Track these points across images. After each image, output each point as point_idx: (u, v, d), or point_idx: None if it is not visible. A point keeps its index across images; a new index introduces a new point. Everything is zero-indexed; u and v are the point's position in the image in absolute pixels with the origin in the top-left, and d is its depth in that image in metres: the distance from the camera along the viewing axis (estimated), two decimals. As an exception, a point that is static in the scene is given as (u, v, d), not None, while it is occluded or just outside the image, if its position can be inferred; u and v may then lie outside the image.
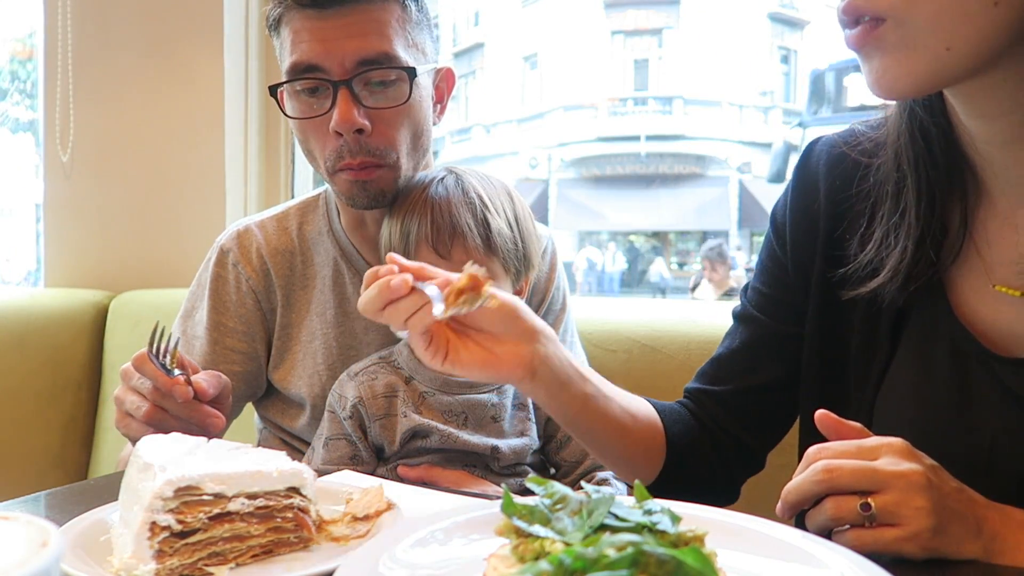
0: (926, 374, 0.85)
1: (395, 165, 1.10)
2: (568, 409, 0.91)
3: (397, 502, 0.77)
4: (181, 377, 0.95)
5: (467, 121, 18.97)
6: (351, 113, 1.04)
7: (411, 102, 1.09)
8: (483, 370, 0.86)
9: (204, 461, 0.69)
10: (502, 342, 0.85)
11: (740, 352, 1.01)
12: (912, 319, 0.86)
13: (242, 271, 1.22)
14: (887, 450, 0.70)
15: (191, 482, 0.65)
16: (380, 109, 1.07)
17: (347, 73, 1.05)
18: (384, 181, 1.11)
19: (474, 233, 1.05)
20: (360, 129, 1.06)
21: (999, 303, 0.81)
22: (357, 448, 1.10)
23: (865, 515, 0.68)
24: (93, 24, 2.19)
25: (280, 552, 0.70)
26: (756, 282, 1.02)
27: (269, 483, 0.70)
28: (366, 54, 1.05)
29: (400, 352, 1.15)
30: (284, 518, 0.70)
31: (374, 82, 1.07)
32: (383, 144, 1.08)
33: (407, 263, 0.81)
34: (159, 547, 0.64)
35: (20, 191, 3.02)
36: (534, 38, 18.14)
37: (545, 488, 0.62)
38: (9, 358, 1.92)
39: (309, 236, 1.26)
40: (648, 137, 17.46)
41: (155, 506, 0.64)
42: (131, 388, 0.98)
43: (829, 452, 0.71)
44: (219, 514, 0.67)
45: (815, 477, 0.70)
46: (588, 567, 0.48)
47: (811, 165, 0.96)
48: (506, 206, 1.11)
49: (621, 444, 0.96)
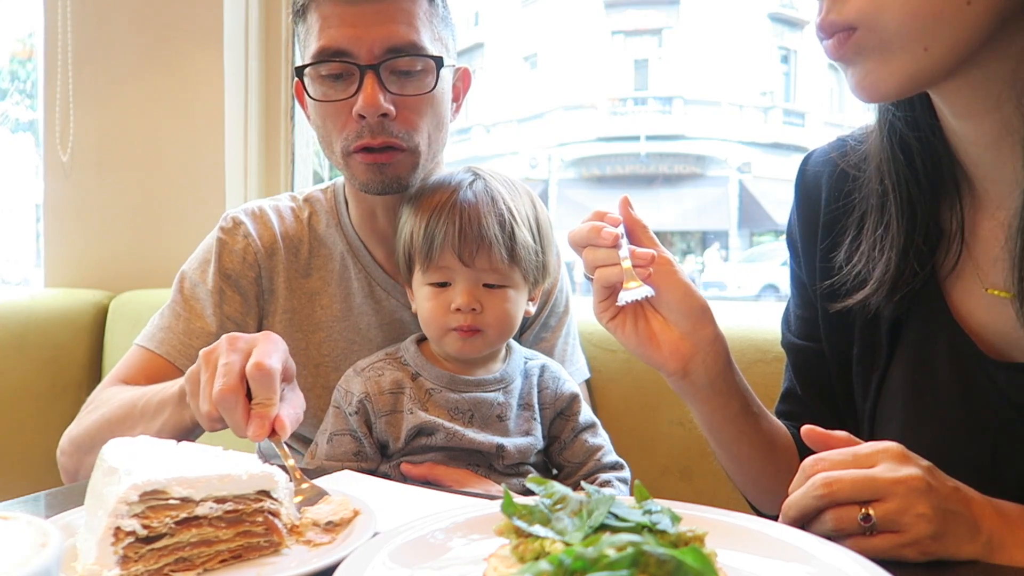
0: (927, 378, 0.85)
1: (415, 151, 1.11)
2: (713, 418, 0.92)
3: (364, 510, 0.76)
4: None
5: (467, 121, 18.95)
6: (376, 97, 1.05)
7: (435, 93, 1.10)
8: (640, 348, 0.89)
9: (171, 464, 0.68)
10: (670, 330, 0.87)
11: (800, 384, 1.01)
12: (910, 325, 0.87)
13: (252, 243, 1.21)
14: (883, 456, 0.70)
15: (157, 486, 0.64)
16: (405, 96, 1.08)
17: (375, 59, 1.06)
18: (401, 167, 1.11)
19: (500, 244, 1.06)
20: (384, 114, 1.06)
21: (992, 306, 0.81)
22: (361, 444, 1.10)
23: (866, 526, 0.67)
24: (93, 24, 2.19)
25: (250, 557, 0.69)
26: (793, 305, 1.03)
27: (238, 486, 0.68)
28: (394, 42, 1.06)
29: (407, 349, 1.16)
30: (254, 522, 0.69)
31: (400, 70, 1.08)
32: (406, 128, 1.09)
33: (636, 216, 0.86)
34: (124, 552, 0.63)
35: (20, 191, 3.02)
36: (534, 38, 18.12)
37: (545, 488, 0.62)
38: (9, 358, 1.92)
39: (318, 227, 1.26)
40: (648, 137, 17.44)
41: (120, 511, 0.62)
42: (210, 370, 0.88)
43: (826, 463, 0.71)
44: (186, 518, 0.65)
45: (815, 492, 0.69)
46: (588, 567, 0.48)
47: (809, 179, 0.97)
48: (530, 215, 1.12)
49: (760, 467, 0.95)
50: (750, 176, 17.35)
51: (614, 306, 0.87)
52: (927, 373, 0.85)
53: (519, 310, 1.12)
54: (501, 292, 1.09)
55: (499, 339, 1.12)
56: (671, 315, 0.87)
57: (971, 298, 0.83)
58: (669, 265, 0.86)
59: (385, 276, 1.25)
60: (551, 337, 1.31)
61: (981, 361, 0.81)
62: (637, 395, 1.43)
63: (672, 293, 0.86)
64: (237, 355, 0.86)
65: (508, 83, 18.42)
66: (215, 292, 1.20)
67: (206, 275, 1.21)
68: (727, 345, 0.90)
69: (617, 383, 1.45)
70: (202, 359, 0.90)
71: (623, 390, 1.44)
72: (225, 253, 1.21)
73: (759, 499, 1.01)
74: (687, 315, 0.87)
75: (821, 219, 0.94)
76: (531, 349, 1.24)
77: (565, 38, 17.67)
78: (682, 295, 0.86)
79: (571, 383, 1.20)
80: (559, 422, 1.17)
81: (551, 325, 1.31)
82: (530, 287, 1.13)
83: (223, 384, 0.84)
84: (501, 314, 1.09)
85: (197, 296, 1.21)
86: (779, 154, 16.59)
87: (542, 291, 1.20)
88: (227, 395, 0.84)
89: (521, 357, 1.18)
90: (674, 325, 0.87)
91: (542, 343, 1.30)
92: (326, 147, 1.16)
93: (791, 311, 1.03)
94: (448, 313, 1.08)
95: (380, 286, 1.25)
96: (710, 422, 0.93)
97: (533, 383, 1.17)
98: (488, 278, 1.08)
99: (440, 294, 1.09)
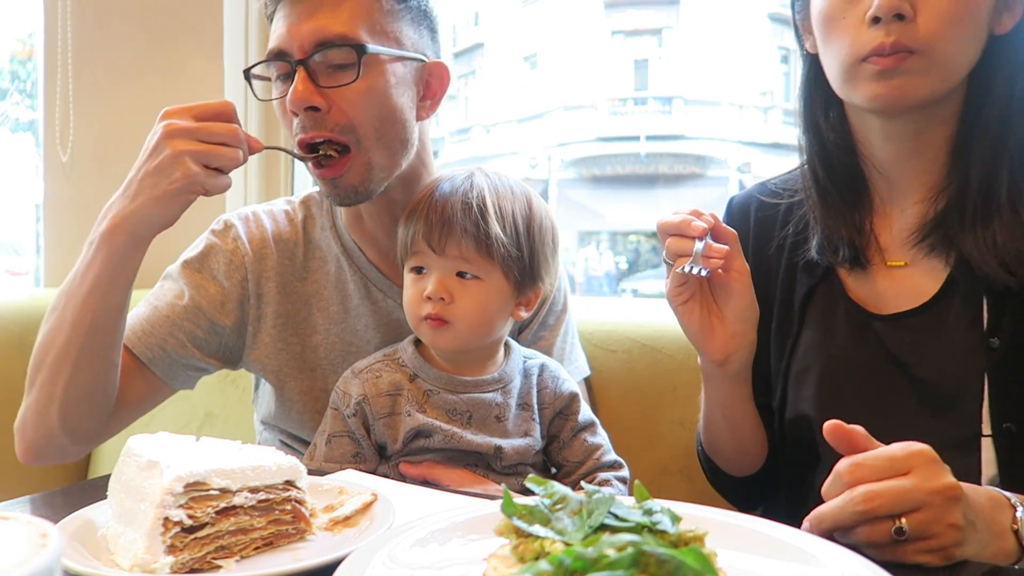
0: (830, 337, 1.06)
1: (358, 146, 1.09)
2: (731, 399, 1.07)
3: (381, 493, 0.79)
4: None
5: (467, 121, 18.94)
6: (300, 90, 1.06)
7: (373, 84, 1.08)
8: (696, 334, 1.02)
9: (206, 457, 0.71)
10: (725, 327, 1.01)
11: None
12: (815, 300, 1.08)
13: (241, 245, 1.21)
14: (917, 460, 0.70)
15: (199, 477, 0.67)
16: (335, 88, 1.07)
17: (304, 53, 1.07)
18: (352, 176, 1.10)
19: (468, 234, 1.06)
20: (316, 108, 1.06)
21: (880, 277, 1.04)
22: (360, 446, 1.10)
23: (899, 539, 0.68)
24: (93, 24, 2.19)
25: (280, 544, 0.72)
26: None
27: (269, 476, 0.72)
28: (323, 35, 1.06)
29: (404, 349, 1.15)
30: (283, 510, 0.73)
31: (334, 64, 1.07)
32: (341, 121, 1.08)
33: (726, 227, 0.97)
34: (171, 542, 0.66)
35: (20, 191, 3.02)
36: (534, 38, 18.10)
37: (545, 488, 0.62)
38: (9, 358, 1.91)
39: (313, 230, 1.26)
40: (648, 137, 17.42)
41: (167, 502, 0.65)
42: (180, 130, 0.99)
43: (865, 471, 0.70)
44: (225, 508, 0.69)
45: (855, 507, 0.69)
46: (588, 567, 0.48)
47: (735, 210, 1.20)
48: (517, 213, 1.10)
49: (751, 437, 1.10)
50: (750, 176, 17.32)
51: (687, 292, 1.00)
52: (828, 333, 1.06)
53: (496, 308, 1.10)
54: (476, 284, 1.08)
55: (471, 334, 1.09)
56: (731, 316, 1.00)
57: (872, 274, 1.05)
58: (746, 277, 1.00)
59: (380, 276, 1.25)
60: (550, 336, 1.31)
61: (866, 316, 1.03)
62: (637, 395, 1.43)
63: (740, 299, 1.00)
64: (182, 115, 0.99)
65: (508, 83, 18.41)
66: (192, 287, 1.19)
67: (188, 268, 1.21)
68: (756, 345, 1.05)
69: (617, 383, 1.45)
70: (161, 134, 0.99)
71: (623, 390, 1.44)
72: (212, 254, 1.21)
73: (736, 463, 1.14)
74: (744, 320, 1.01)
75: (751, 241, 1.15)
76: (530, 348, 1.24)
77: (565, 38, 17.65)
78: (747, 304, 1.01)
79: (570, 382, 1.20)
80: (558, 421, 1.17)
81: (550, 324, 1.31)
82: (515, 288, 1.11)
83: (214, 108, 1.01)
84: (472, 307, 1.07)
85: (169, 287, 1.21)
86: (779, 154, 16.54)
87: (540, 299, 1.17)
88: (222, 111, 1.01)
89: (520, 356, 1.18)
90: (730, 324, 1.00)
91: (541, 342, 1.30)
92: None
93: None
94: (421, 300, 1.08)
95: (376, 287, 1.25)
96: (727, 401, 1.07)
97: (532, 383, 1.16)
98: (461, 267, 1.07)
99: (418, 281, 1.10)
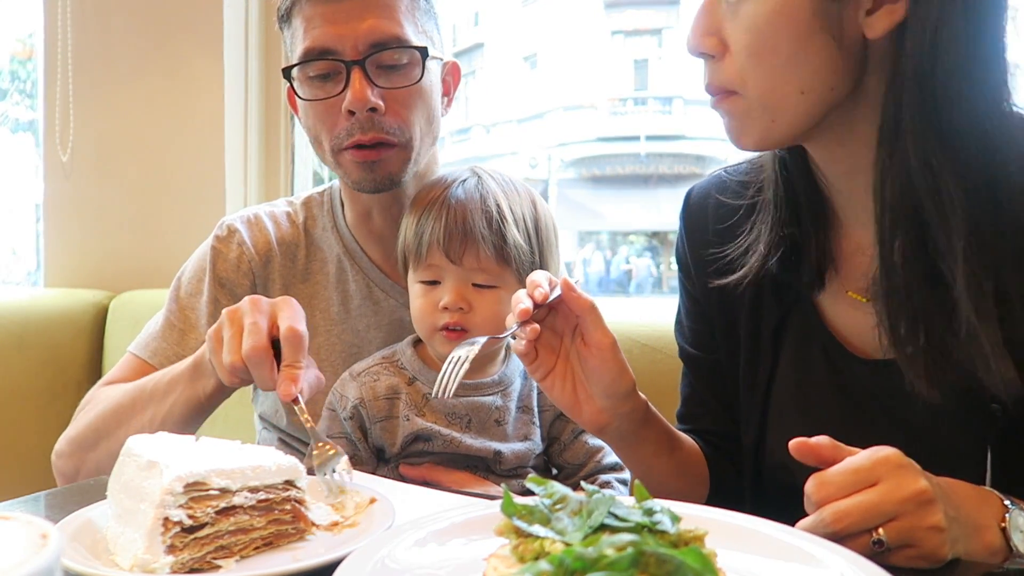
0: (806, 375, 0.97)
1: (407, 145, 1.11)
2: (624, 456, 1.03)
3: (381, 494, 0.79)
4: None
5: (467, 121, 18.92)
6: (365, 92, 1.06)
7: (423, 84, 1.10)
8: (564, 407, 0.94)
9: (206, 457, 0.71)
10: (592, 402, 0.92)
11: (700, 388, 1.10)
12: (788, 332, 0.99)
13: (247, 251, 1.21)
14: (883, 467, 0.69)
15: (199, 477, 0.67)
16: (393, 89, 1.08)
17: (359, 54, 1.06)
18: (392, 163, 1.11)
19: (487, 243, 1.05)
20: (374, 108, 1.07)
21: (854, 310, 0.93)
22: (356, 448, 1.10)
23: (879, 550, 0.67)
24: (93, 24, 2.19)
25: (279, 544, 0.72)
26: (688, 320, 1.11)
27: (268, 476, 0.72)
28: (378, 36, 1.06)
29: (403, 352, 1.15)
30: (282, 510, 0.72)
31: (386, 64, 1.08)
32: (397, 123, 1.09)
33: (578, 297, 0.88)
34: (171, 542, 0.65)
35: (20, 191, 3.02)
36: (534, 38, 18.10)
37: (545, 488, 0.62)
38: (9, 358, 1.92)
39: (314, 231, 1.26)
40: (648, 137, 17.41)
41: (167, 502, 0.65)
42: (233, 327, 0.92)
43: (830, 487, 0.69)
44: (225, 508, 0.69)
45: (827, 529, 0.68)
46: (588, 567, 0.48)
47: (693, 209, 1.10)
48: (527, 216, 1.10)
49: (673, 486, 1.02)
50: (750, 176, 17.32)
51: (545, 366, 0.92)
52: (806, 371, 0.97)
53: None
54: (491, 293, 1.07)
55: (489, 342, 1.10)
56: (595, 390, 0.92)
57: (837, 303, 0.95)
58: (606, 351, 0.90)
59: (383, 277, 1.24)
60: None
61: (848, 359, 0.93)
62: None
63: (603, 374, 0.90)
64: (263, 316, 0.92)
65: (508, 83, 18.40)
66: (210, 302, 1.20)
67: (201, 284, 1.22)
68: (647, 408, 0.97)
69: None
70: (226, 317, 0.94)
71: (623, 390, 1.44)
72: (220, 261, 1.21)
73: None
74: (610, 396, 0.92)
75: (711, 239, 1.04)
76: (531, 349, 1.24)
77: (565, 38, 17.65)
78: (612, 378, 0.91)
79: (571, 383, 1.19)
80: (559, 423, 1.17)
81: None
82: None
83: (254, 341, 0.89)
84: (491, 316, 1.06)
85: (192, 306, 1.21)
86: (779, 154, 16.56)
87: None
88: (259, 351, 0.89)
89: (520, 357, 1.18)
90: (596, 398, 0.92)
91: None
92: (316, 147, 1.16)
93: (686, 325, 1.12)
94: (436, 311, 1.06)
95: (378, 287, 1.24)
96: (623, 457, 1.04)
97: (532, 385, 1.16)
98: (477, 278, 1.07)
99: (429, 292, 1.08)
